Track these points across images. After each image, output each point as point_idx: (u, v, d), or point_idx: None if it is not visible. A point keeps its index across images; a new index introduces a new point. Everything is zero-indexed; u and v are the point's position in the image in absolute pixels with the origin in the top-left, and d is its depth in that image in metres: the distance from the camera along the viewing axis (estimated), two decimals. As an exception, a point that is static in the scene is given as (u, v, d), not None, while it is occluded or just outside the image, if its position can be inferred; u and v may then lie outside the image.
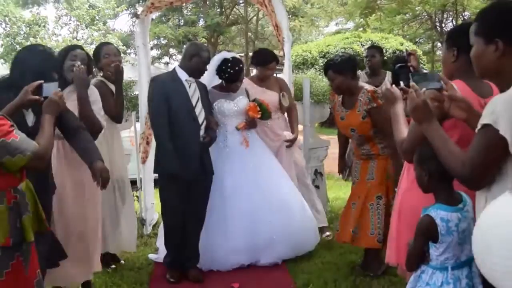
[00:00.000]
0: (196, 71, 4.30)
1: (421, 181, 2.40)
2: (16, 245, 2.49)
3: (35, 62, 2.97)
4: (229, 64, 4.65)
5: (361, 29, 20.68)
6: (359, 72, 5.36)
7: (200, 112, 4.29)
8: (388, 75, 5.67)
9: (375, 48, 6.04)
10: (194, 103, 4.27)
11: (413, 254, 2.38)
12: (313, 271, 4.43)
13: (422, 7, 17.60)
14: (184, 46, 16.75)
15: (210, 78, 4.79)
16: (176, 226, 4.34)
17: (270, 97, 5.05)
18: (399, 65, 3.05)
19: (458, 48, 2.45)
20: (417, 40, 23.88)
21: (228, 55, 4.85)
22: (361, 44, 15.52)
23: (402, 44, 15.93)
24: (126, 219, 4.69)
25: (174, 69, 4.41)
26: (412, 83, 2.21)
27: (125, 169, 4.78)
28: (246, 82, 5.07)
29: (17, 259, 2.51)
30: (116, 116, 4.48)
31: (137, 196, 6.15)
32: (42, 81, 2.80)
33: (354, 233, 4.23)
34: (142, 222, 5.75)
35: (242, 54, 29.41)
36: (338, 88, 4.30)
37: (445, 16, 22.79)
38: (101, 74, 4.58)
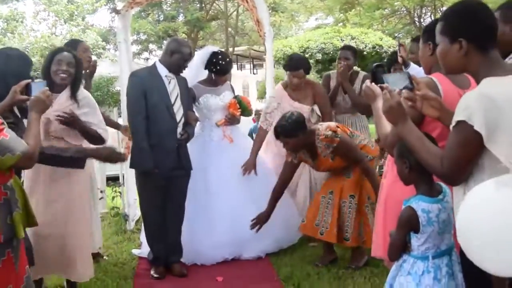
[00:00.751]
0: (176, 67, 4.29)
1: (402, 174, 2.44)
2: (7, 242, 2.48)
3: (14, 66, 3.01)
4: (220, 57, 4.72)
5: (341, 24, 20.80)
6: (332, 72, 5.38)
7: (178, 109, 4.28)
8: (360, 75, 5.29)
9: (348, 49, 5.29)
10: (173, 100, 4.26)
11: (395, 244, 2.42)
12: (296, 264, 4.48)
13: (401, 2, 17.74)
14: (164, 41, 16.63)
15: (195, 72, 4.82)
16: (155, 221, 4.35)
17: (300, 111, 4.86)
18: (375, 64, 3.07)
19: (434, 42, 2.51)
20: (396, 35, 24.04)
21: (216, 48, 4.92)
22: (341, 39, 15.58)
23: (381, 39, 16.04)
24: (96, 215, 4.67)
25: (154, 64, 4.40)
26: (385, 85, 2.24)
27: (92, 165, 4.67)
28: (280, 94, 4.98)
29: (7, 256, 2.49)
30: None
31: (119, 192, 6.16)
32: (30, 80, 2.80)
33: (317, 226, 4.31)
34: (125, 217, 5.75)
35: (223, 49, 29.41)
36: (295, 149, 4.33)
37: (424, 11, 23.01)
38: None
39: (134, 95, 4.23)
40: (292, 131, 4.18)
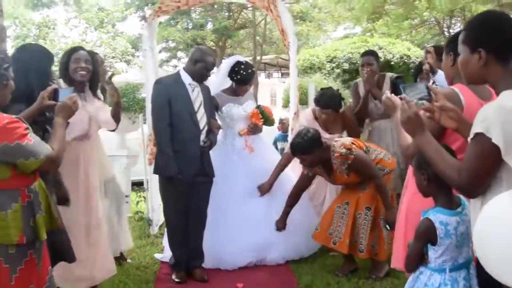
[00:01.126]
0: (199, 76, 4.35)
1: (420, 186, 2.44)
2: (30, 243, 2.54)
3: (36, 61, 3.07)
4: (242, 67, 4.77)
5: (369, 34, 20.73)
6: (359, 79, 5.30)
7: (202, 117, 4.34)
8: (387, 77, 5.18)
9: (370, 55, 5.19)
10: (196, 108, 4.32)
11: (412, 255, 2.42)
12: (316, 273, 4.49)
13: (429, 13, 17.57)
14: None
15: (220, 81, 4.91)
16: (177, 226, 4.41)
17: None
18: (396, 75, 3.08)
19: (454, 53, 2.51)
20: (425, 45, 23.88)
21: (241, 58, 4.97)
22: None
23: (409, 49, 15.95)
24: (121, 218, 4.78)
25: (178, 72, 4.47)
26: (403, 95, 2.25)
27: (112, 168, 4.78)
28: (311, 124, 4.90)
29: (30, 256, 2.55)
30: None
31: (144, 197, 6.25)
32: (56, 86, 2.89)
33: (331, 236, 4.33)
34: (149, 222, 5.83)
35: (250, 58, 29.53)
36: (312, 165, 4.36)
37: (453, 21, 22.79)
38: None
39: (159, 102, 4.30)
40: (308, 148, 4.21)
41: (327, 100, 4.78)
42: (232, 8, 26.36)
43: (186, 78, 4.36)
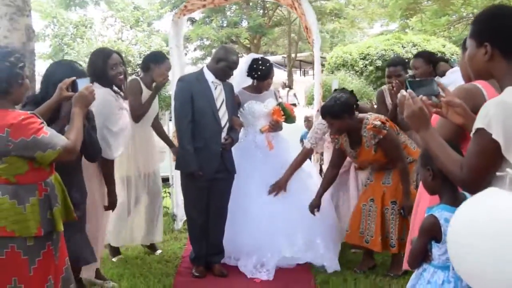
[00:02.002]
0: (221, 74, 4.42)
1: (426, 183, 2.45)
2: (47, 235, 2.64)
3: (58, 75, 3.14)
4: (260, 62, 4.81)
5: (407, 30, 20.41)
6: (384, 87, 5.03)
7: (223, 115, 4.41)
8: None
9: (398, 65, 4.70)
10: (218, 105, 4.39)
11: (416, 252, 2.43)
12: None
13: (464, 8, 17.20)
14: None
15: (240, 79, 4.94)
16: (197, 222, 4.49)
17: None
18: (409, 74, 3.04)
19: None
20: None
21: (256, 55, 5.05)
22: (402, 46, 15.32)
23: (444, 46, 15.65)
24: (155, 211, 4.96)
25: (201, 70, 4.54)
26: (409, 90, 2.23)
27: (156, 164, 5.03)
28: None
29: (47, 248, 2.66)
30: (138, 115, 4.67)
31: (169, 193, 6.37)
32: (75, 77, 2.95)
33: (362, 235, 4.32)
34: (173, 217, 5.94)
35: (285, 55, 29.46)
36: (339, 131, 4.32)
37: (492, 17, 22.21)
38: (142, 75, 4.90)
39: (181, 99, 4.38)
40: (339, 112, 4.16)
41: (324, 108, 4.33)
42: (266, 5, 26.40)
43: (209, 76, 4.42)
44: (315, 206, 4.56)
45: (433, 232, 2.33)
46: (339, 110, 4.16)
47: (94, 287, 4.03)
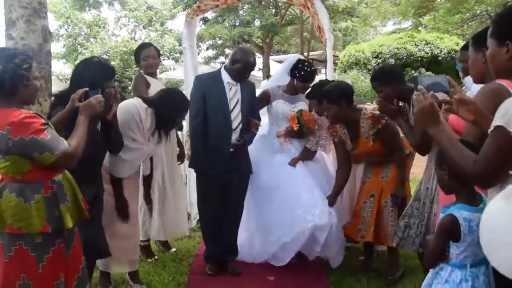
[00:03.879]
0: (237, 76, 4.39)
1: (442, 182, 2.45)
2: (57, 232, 2.65)
3: (89, 74, 3.19)
4: (306, 64, 4.77)
5: (420, 28, 20.34)
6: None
7: (236, 116, 4.39)
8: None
9: (375, 80, 3.98)
10: (231, 106, 4.37)
11: (434, 252, 2.42)
12: (346, 269, 4.49)
13: (478, 6, 17.09)
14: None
15: (278, 77, 4.96)
16: (209, 220, 4.52)
17: None
18: (415, 74, 3.01)
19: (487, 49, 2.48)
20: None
21: (302, 57, 5.02)
22: (415, 44, 15.32)
23: (457, 44, 15.59)
24: (177, 207, 4.98)
25: (219, 70, 4.54)
26: (419, 86, 2.22)
27: (176, 163, 5.07)
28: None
29: (57, 245, 2.67)
30: None
31: (183, 191, 6.38)
32: (87, 88, 2.99)
33: (360, 231, 4.28)
34: (187, 216, 5.95)
35: (298, 54, 29.40)
36: (335, 118, 4.26)
37: (506, 15, 22.06)
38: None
39: (194, 97, 4.40)
40: (336, 98, 4.15)
41: (322, 92, 4.35)
42: (278, 4, 26.37)
43: (225, 77, 4.42)
44: (331, 202, 4.47)
45: (453, 232, 2.32)
46: (338, 96, 4.15)
47: (122, 285, 4.15)
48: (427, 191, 3.56)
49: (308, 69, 4.71)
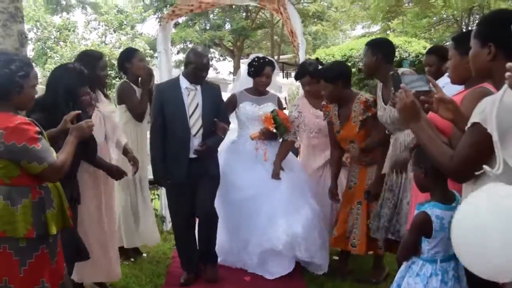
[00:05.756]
0: (192, 77, 4.32)
1: (418, 180, 2.55)
2: (41, 238, 2.65)
3: (65, 81, 3.25)
4: (256, 59, 4.78)
5: (388, 32, 20.61)
6: None
7: (196, 121, 4.30)
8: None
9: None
10: (190, 112, 4.29)
11: (407, 247, 2.53)
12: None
13: (445, 11, 17.44)
14: (211, 49, 16.66)
15: (243, 82, 4.97)
16: (179, 227, 4.48)
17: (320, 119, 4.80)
18: (391, 72, 3.04)
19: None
20: (443, 43, 23.61)
21: (259, 55, 4.97)
22: (384, 48, 15.47)
23: (425, 48, 15.81)
24: (147, 215, 4.95)
25: (178, 76, 4.46)
26: (402, 84, 2.30)
27: (146, 168, 4.99)
28: (300, 102, 4.90)
29: (41, 251, 2.66)
30: (138, 114, 4.76)
31: (157, 195, 6.40)
32: (79, 111, 3.05)
33: (348, 239, 4.27)
34: (162, 219, 5.97)
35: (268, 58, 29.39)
36: (330, 97, 4.28)
37: (471, 19, 22.58)
38: (126, 76, 4.92)
39: (154, 107, 4.37)
40: (334, 77, 4.18)
41: (320, 70, 4.48)
42: (249, 8, 26.44)
43: (184, 82, 4.34)
44: (333, 190, 4.53)
45: (425, 228, 2.43)
46: (334, 75, 4.18)
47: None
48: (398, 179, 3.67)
49: (257, 63, 4.73)
